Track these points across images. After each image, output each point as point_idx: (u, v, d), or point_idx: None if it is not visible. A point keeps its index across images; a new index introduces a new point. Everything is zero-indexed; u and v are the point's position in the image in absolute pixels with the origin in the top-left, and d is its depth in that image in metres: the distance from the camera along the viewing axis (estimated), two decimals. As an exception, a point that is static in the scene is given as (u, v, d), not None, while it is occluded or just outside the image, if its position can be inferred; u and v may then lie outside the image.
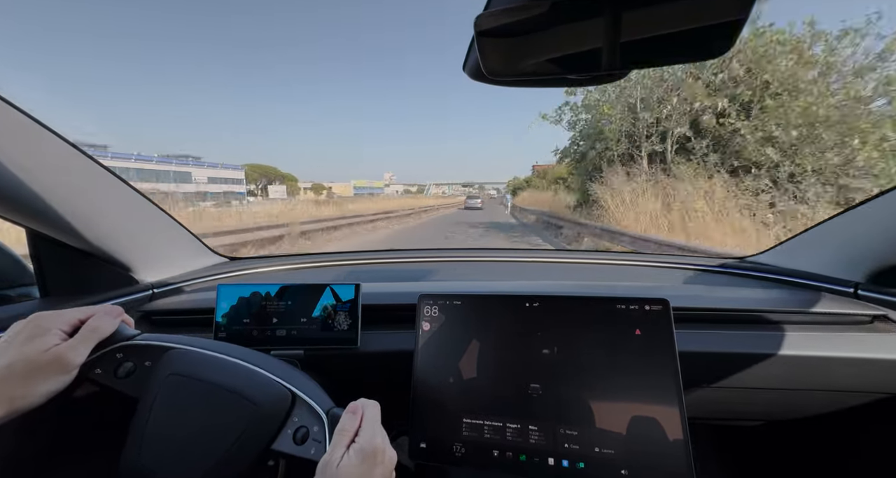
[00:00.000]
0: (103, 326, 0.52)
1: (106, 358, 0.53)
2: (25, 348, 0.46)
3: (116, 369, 0.53)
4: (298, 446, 0.49)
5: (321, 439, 0.49)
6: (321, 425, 0.50)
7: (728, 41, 0.38)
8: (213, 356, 0.56)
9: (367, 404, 0.51)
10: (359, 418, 0.48)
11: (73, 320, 0.51)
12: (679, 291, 0.95)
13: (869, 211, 0.84)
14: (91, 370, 0.52)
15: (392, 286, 0.99)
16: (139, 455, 0.47)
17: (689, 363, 0.61)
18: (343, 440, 0.46)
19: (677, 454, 0.54)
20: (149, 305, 0.90)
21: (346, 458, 0.44)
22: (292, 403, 0.52)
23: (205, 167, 54.77)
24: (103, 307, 0.55)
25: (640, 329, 0.60)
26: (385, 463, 0.46)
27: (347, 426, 0.47)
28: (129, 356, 0.54)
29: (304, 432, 0.50)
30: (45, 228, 0.72)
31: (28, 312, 0.72)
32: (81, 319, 0.51)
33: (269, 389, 0.53)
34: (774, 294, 0.90)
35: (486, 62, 0.44)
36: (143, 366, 0.54)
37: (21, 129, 0.62)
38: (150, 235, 0.95)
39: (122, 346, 0.54)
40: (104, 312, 0.54)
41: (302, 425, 0.51)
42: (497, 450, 0.59)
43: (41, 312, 0.50)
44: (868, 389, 0.74)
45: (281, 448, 0.49)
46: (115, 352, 0.54)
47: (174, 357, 0.54)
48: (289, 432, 0.50)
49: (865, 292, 0.82)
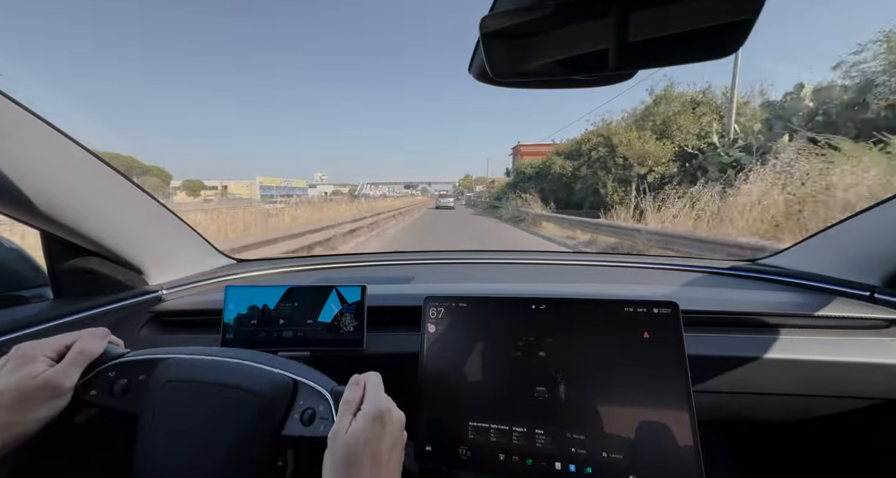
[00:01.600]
0: (90, 347, 0.52)
1: (99, 379, 0.53)
2: (13, 378, 0.46)
3: (111, 387, 0.53)
4: (307, 426, 0.50)
5: (328, 416, 0.49)
6: (326, 403, 0.50)
7: (738, 40, 0.38)
8: (208, 359, 0.56)
9: (369, 374, 0.51)
10: (362, 388, 0.49)
11: (58, 346, 0.51)
12: (689, 294, 0.94)
13: (885, 213, 0.82)
14: (86, 393, 0.52)
15: (398, 288, 0.99)
16: (150, 464, 0.48)
17: (699, 367, 0.60)
18: (349, 409, 0.46)
19: (686, 460, 0.53)
20: (158, 306, 0.91)
21: (355, 423, 0.44)
22: (295, 389, 0.53)
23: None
24: (88, 330, 0.55)
25: (649, 332, 0.59)
26: (394, 423, 0.47)
27: (351, 396, 0.48)
28: (123, 374, 0.54)
29: (310, 412, 0.50)
30: (57, 231, 0.74)
31: (43, 312, 0.74)
32: (67, 344, 0.51)
33: (270, 378, 0.53)
34: (787, 297, 0.89)
35: (491, 64, 0.44)
36: (137, 381, 0.53)
37: (35, 133, 0.63)
38: (160, 236, 0.97)
39: (113, 365, 0.54)
40: (89, 334, 0.54)
41: (308, 407, 0.51)
42: (503, 454, 0.59)
43: (25, 342, 0.50)
44: (885, 395, 0.72)
45: (291, 432, 0.50)
46: (107, 371, 0.54)
47: (168, 366, 0.54)
48: (295, 416, 0.51)
49: (882, 296, 0.80)
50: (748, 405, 0.79)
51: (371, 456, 0.43)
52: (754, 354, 0.71)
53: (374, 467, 0.42)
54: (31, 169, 0.62)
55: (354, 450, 0.42)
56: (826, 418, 0.80)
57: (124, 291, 0.87)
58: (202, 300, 0.94)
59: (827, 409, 0.78)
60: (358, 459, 0.42)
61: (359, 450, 0.42)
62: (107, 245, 0.81)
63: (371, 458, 0.42)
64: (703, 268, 1.17)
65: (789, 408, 0.80)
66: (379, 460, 0.43)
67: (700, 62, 0.42)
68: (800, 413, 0.81)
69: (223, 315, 0.76)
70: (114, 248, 0.82)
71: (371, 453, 0.43)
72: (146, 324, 0.87)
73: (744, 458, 1.00)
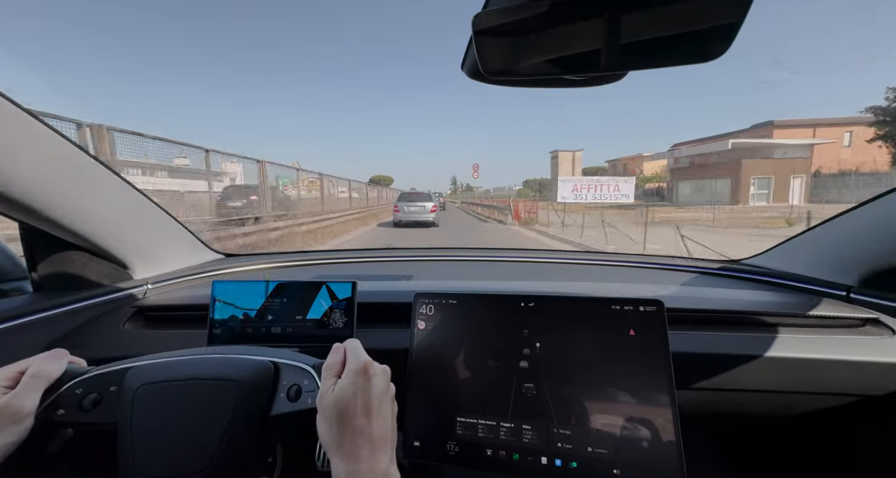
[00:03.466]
0: (45, 369, 0.51)
1: (65, 398, 0.51)
2: None
3: (80, 403, 0.51)
4: (294, 402, 0.50)
5: (313, 388, 0.50)
6: (311, 377, 0.51)
7: (724, 44, 0.39)
8: (181, 359, 0.55)
9: (348, 341, 0.52)
10: (342, 353, 0.50)
11: (12, 373, 0.49)
12: (674, 293, 0.95)
13: (862, 215, 0.85)
14: (53, 413, 0.50)
15: (388, 285, 0.99)
16: (136, 469, 0.47)
17: (683, 364, 0.61)
18: (331, 373, 0.47)
19: (669, 455, 0.54)
20: (143, 301, 0.89)
21: (339, 382, 0.45)
22: (276, 371, 0.53)
23: None
24: (45, 353, 0.53)
25: (635, 330, 0.60)
26: (379, 374, 0.47)
27: (332, 361, 0.48)
28: (91, 388, 0.52)
29: (295, 388, 0.51)
30: (36, 222, 0.72)
31: (21, 306, 0.72)
32: (21, 370, 0.50)
33: (249, 365, 0.53)
34: (768, 297, 0.91)
35: (484, 61, 0.44)
36: (108, 392, 0.52)
37: (13, 121, 0.61)
38: (145, 230, 0.95)
39: (79, 381, 0.52)
40: (44, 357, 0.52)
41: (293, 384, 0.51)
42: (490, 449, 0.59)
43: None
44: (859, 391, 0.75)
45: (278, 411, 0.50)
46: (73, 389, 0.52)
47: (140, 371, 0.53)
48: (281, 395, 0.51)
49: (858, 296, 0.83)
50: (731, 402, 0.81)
51: (362, 408, 0.43)
52: (736, 351, 0.73)
53: (366, 418, 0.43)
54: (7, 158, 0.60)
55: (344, 405, 0.43)
56: (807, 414, 0.82)
57: (107, 286, 0.86)
58: (189, 295, 0.92)
59: (808, 405, 0.81)
60: (349, 413, 0.42)
61: (348, 404, 0.43)
62: (90, 238, 0.79)
63: (362, 409, 0.43)
64: (688, 267, 1.19)
65: (771, 404, 0.82)
66: (370, 410, 0.43)
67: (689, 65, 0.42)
68: (781, 409, 0.84)
69: (210, 310, 0.75)
70: (97, 241, 0.80)
71: (361, 404, 0.43)
72: (130, 319, 0.85)
73: (727, 452, 1.03)
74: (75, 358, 0.57)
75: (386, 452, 0.43)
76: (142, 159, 6.55)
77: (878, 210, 0.81)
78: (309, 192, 13.86)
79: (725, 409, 0.85)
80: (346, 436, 0.42)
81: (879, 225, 0.80)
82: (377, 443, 0.43)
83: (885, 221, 0.79)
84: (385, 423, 0.45)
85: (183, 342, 0.71)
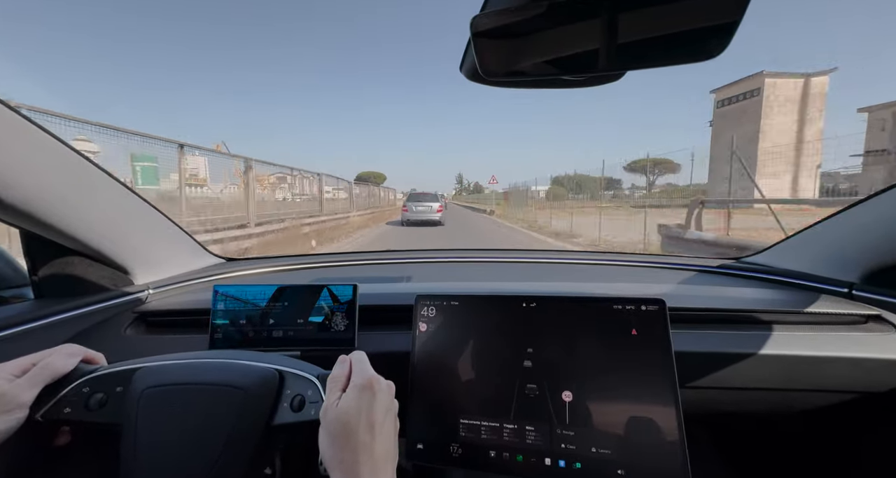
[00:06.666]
0: (54, 363, 0.50)
1: (71, 396, 0.51)
2: None
3: (86, 402, 0.51)
4: (297, 412, 0.49)
5: (317, 399, 0.49)
6: (315, 388, 0.50)
7: (722, 43, 0.39)
8: (187, 362, 0.55)
9: (354, 352, 0.51)
10: (348, 365, 0.49)
11: (24, 365, 0.49)
12: (675, 292, 0.95)
13: (863, 212, 0.85)
14: (59, 412, 0.50)
15: (389, 287, 0.99)
16: (136, 472, 0.46)
17: (686, 363, 0.61)
18: (337, 386, 0.46)
19: (673, 454, 0.54)
20: (144, 307, 0.89)
21: (344, 396, 0.44)
22: (281, 380, 0.52)
23: None
24: (59, 347, 0.53)
25: (637, 329, 0.60)
26: (384, 390, 0.47)
27: (337, 373, 0.48)
28: (98, 388, 0.52)
29: (299, 399, 0.50)
30: (38, 229, 0.72)
31: (22, 313, 0.72)
32: (34, 361, 0.50)
33: (253, 372, 0.52)
34: (770, 294, 0.91)
35: (482, 63, 0.44)
36: (115, 392, 0.52)
37: (13, 127, 0.61)
38: (146, 235, 0.95)
39: (86, 380, 0.52)
40: (58, 351, 0.52)
41: (296, 394, 0.51)
42: (494, 450, 0.59)
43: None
44: (863, 388, 0.75)
45: (281, 421, 0.49)
46: (80, 388, 0.52)
47: (146, 373, 0.53)
48: (285, 405, 0.50)
49: (860, 293, 0.83)
50: (734, 400, 0.81)
51: (365, 424, 0.43)
52: (739, 350, 0.73)
53: (369, 435, 0.42)
54: (7, 164, 0.61)
55: (347, 421, 0.42)
56: (809, 411, 0.82)
57: (108, 292, 0.85)
58: (190, 300, 0.92)
59: (809, 402, 0.80)
60: (352, 429, 0.42)
61: (352, 420, 0.42)
62: (91, 244, 0.79)
63: (366, 426, 0.43)
64: (690, 266, 1.19)
65: (773, 402, 0.82)
66: (373, 427, 0.43)
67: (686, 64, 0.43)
68: (783, 407, 0.83)
69: (211, 315, 0.75)
70: (98, 247, 0.80)
71: (365, 421, 0.43)
72: (131, 324, 0.85)
73: (729, 451, 1.03)
74: (92, 353, 0.56)
75: (388, 471, 0.43)
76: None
77: (879, 207, 0.81)
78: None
79: (728, 407, 0.84)
80: (348, 452, 0.41)
81: (881, 221, 0.80)
82: (379, 463, 0.42)
83: (887, 218, 0.79)
84: (388, 440, 0.45)
85: (184, 347, 0.71)
